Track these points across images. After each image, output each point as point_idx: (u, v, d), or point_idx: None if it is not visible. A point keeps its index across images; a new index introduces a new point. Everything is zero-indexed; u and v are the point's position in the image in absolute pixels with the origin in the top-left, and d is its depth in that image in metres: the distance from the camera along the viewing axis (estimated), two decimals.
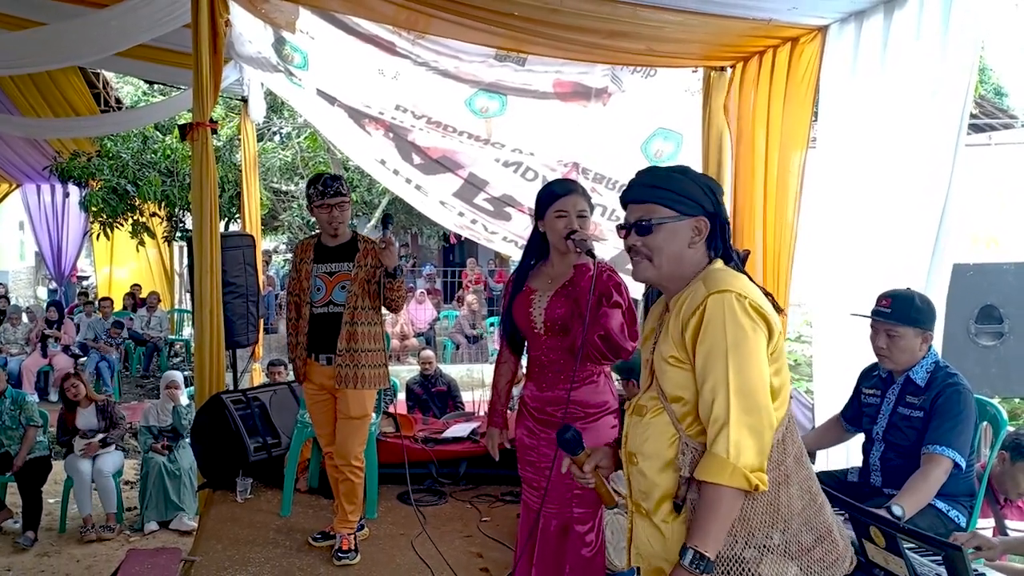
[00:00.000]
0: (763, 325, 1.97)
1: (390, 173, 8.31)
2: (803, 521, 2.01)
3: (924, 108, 4.05)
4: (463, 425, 5.80)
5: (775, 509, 1.98)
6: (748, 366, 1.92)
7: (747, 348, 1.93)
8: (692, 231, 2.10)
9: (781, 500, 1.98)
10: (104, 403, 7.08)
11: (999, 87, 17.68)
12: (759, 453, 1.91)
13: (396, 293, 4.17)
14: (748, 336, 1.93)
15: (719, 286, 1.99)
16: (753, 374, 1.92)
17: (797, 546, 1.98)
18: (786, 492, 1.99)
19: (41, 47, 6.47)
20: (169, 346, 12.69)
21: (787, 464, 2.01)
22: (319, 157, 16.69)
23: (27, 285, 20.23)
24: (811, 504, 2.04)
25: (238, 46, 7.08)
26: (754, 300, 1.97)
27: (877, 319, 3.43)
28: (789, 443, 2.03)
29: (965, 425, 3.21)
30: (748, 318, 1.95)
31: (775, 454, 1.98)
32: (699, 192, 2.11)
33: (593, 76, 6.39)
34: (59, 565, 6.10)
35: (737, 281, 2.02)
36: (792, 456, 2.03)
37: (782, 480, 1.99)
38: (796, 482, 2.02)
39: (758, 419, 1.91)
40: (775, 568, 1.95)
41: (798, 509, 2.01)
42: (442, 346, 14.57)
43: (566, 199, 3.09)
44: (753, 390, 1.92)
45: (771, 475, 1.96)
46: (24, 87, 10.57)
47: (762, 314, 1.97)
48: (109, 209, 11.62)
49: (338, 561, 4.10)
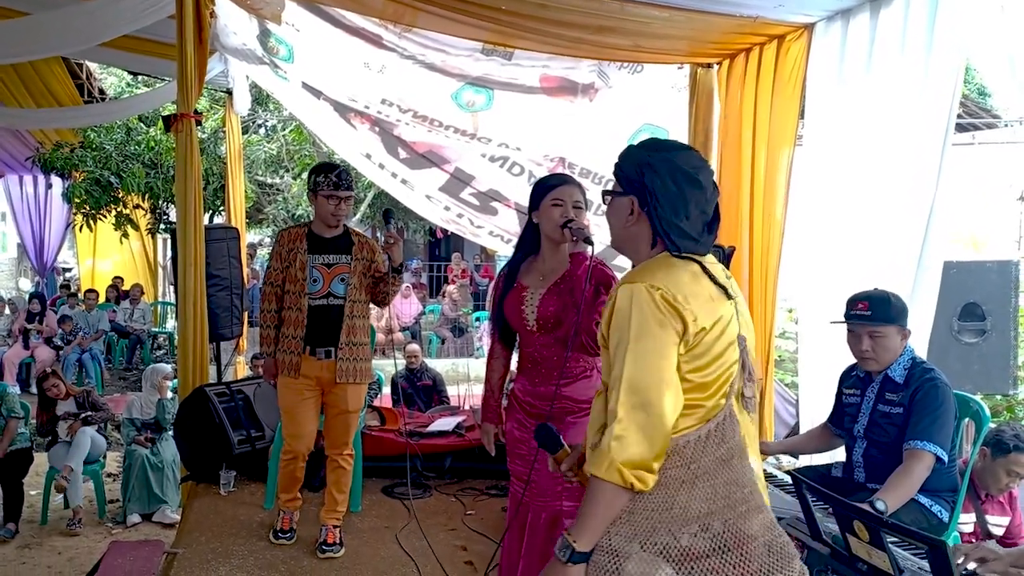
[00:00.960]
0: (674, 319, 1.87)
1: (376, 167, 8.29)
2: (703, 526, 1.88)
3: (911, 106, 4.07)
4: (448, 419, 5.80)
5: (667, 508, 1.88)
6: (645, 361, 1.85)
7: (647, 343, 1.86)
8: (627, 209, 2.04)
9: (678, 500, 1.88)
10: (82, 395, 7.05)
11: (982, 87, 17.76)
12: (644, 451, 1.83)
13: (395, 288, 4.18)
14: (651, 330, 1.86)
15: (633, 276, 1.94)
16: (649, 370, 1.85)
17: (681, 551, 1.86)
18: (687, 493, 1.89)
19: (24, 37, 6.41)
20: (152, 339, 12.62)
21: (702, 464, 1.90)
22: (304, 150, 16.61)
23: (9, 277, 20.09)
24: (725, 510, 1.90)
25: (223, 37, 7.04)
26: (668, 292, 1.87)
27: (860, 323, 3.43)
28: (714, 443, 1.92)
29: (945, 419, 3.23)
30: (656, 311, 1.86)
31: (690, 451, 1.89)
32: (633, 169, 2.03)
33: (580, 71, 6.40)
34: (40, 557, 6.06)
35: (658, 273, 1.93)
36: (715, 457, 1.91)
37: (687, 480, 1.89)
38: (708, 485, 1.90)
39: (647, 417, 1.83)
40: (642, 567, 1.84)
41: (698, 512, 1.88)
42: (427, 340, 14.55)
43: (562, 188, 3.07)
44: (645, 387, 1.84)
45: (675, 473, 1.89)
46: (7, 77, 10.48)
47: (674, 307, 1.87)
48: (92, 201, 11.53)
49: (322, 554, 4.08)
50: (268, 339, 4.19)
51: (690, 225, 1.98)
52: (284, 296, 4.14)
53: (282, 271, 4.13)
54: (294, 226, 4.28)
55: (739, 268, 5.22)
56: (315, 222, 4.18)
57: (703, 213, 2.00)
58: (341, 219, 4.14)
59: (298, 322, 4.08)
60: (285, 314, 4.14)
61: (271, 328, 4.18)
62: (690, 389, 1.90)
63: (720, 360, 1.93)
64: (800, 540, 2.80)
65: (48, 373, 7.13)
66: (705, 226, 2.01)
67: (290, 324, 4.11)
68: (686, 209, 1.97)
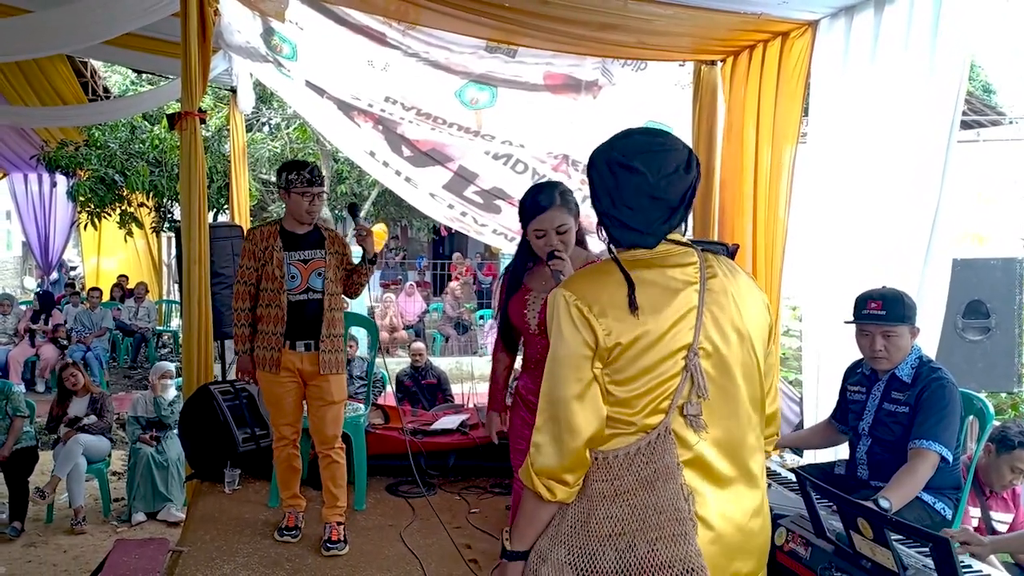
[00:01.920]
0: (585, 330, 1.79)
1: (380, 165, 8.30)
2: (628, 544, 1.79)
3: (915, 103, 4.07)
4: (452, 417, 5.80)
5: (585, 521, 1.83)
6: (558, 372, 1.82)
7: (560, 352, 1.82)
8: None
9: (595, 514, 1.82)
10: (99, 395, 7.11)
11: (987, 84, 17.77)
12: (555, 462, 1.80)
13: (366, 279, 4.32)
14: (563, 340, 1.81)
15: (564, 283, 1.90)
16: (560, 381, 1.81)
17: (590, 565, 1.80)
18: (605, 509, 1.82)
19: (28, 35, 6.42)
20: (157, 337, 12.64)
21: (624, 482, 1.81)
22: (308, 148, 16.63)
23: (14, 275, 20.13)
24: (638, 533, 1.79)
25: (227, 36, 7.05)
26: (582, 302, 1.81)
27: (874, 322, 3.42)
28: (640, 462, 1.80)
29: (951, 419, 3.23)
30: (569, 321, 1.81)
31: (616, 467, 1.81)
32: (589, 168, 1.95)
33: (583, 69, 6.40)
34: (46, 555, 6.08)
35: (583, 281, 1.88)
36: (638, 477, 1.80)
37: (608, 495, 1.82)
38: (627, 504, 1.80)
39: (557, 426, 1.80)
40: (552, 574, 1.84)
41: (611, 531, 1.80)
42: (431, 338, 14.57)
43: (543, 217, 2.98)
44: (555, 398, 1.81)
45: (598, 486, 1.82)
46: (11, 75, 10.49)
47: (586, 319, 1.79)
48: (97, 199, 11.55)
49: (327, 552, 4.09)
50: (243, 337, 4.23)
51: (633, 215, 1.86)
52: (259, 294, 4.19)
53: (256, 269, 4.16)
54: (263, 224, 4.30)
55: (743, 265, 5.15)
56: (287, 219, 4.21)
57: (655, 200, 1.84)
58: (315, 215, 4.19)
59: (277, 318, 4.12)
60: (261, 311, 4.18)
61: (245, 326, 4.23)
62: (614, 403, 1.81)
63: (649, 375, 1.80)
64: (804, 537, 2.80)
65: (69, 363, 7.25)
66: (664, 212, 1.86)
67: (268, 321, 4.15)
68: (623, 198, 1.85)
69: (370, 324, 5.98)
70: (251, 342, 4.22)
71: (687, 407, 1.80)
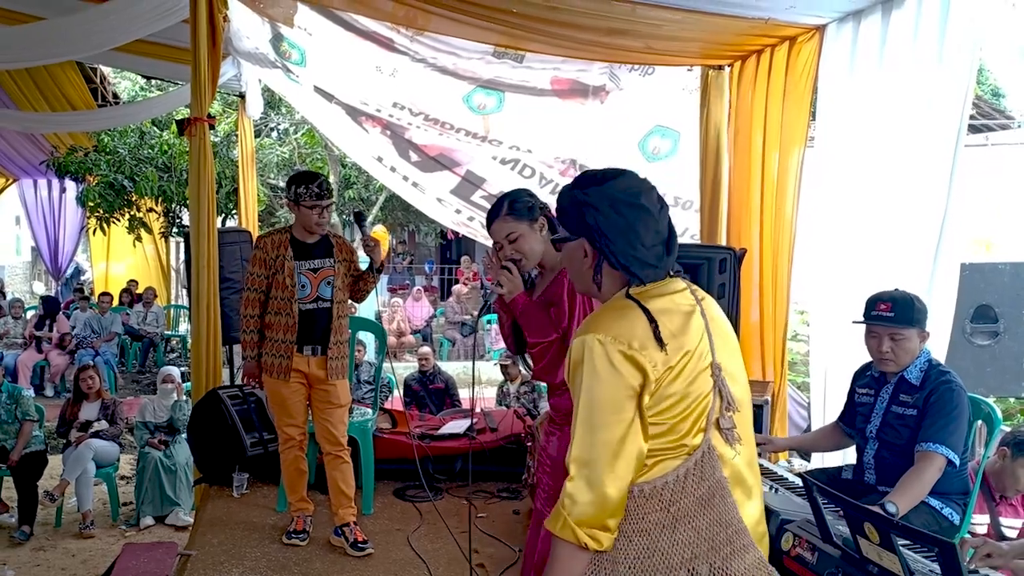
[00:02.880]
0: (631, 371, 1.77)
1: (387, 170, 8.32)
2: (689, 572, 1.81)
3: (923, 107, 4.07)
4: (459, 422, 5.81)
5: (648, 556, 1.81)
6: (592, 416, 1.78)
7: (595, 396, 1.78)
8: (581, 252, 1.95)
9: (659, 546, 1.81)
10: (110, 402, 7.13)
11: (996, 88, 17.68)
12: (596, 510, 1.76)
13: (372, 286, 4.36)
14: (601, 383, 1.77)
15: (586, 327, 1.85)
16: (596, 425, 1.77)
17: None
18: (669, 538, 1.81)
19: (38, 41, 6.47)
20: (165, 342, 12.67)
21: (682, 506, 1.81)
22: (316, 153, 16.66)
23: (23, 280, 20.20)
24: (709, 553, 1.82)
25: (236, 42, 7.08)
26: (621, 342, 1.78)
27: (882, 324, 3.41)
28: (693, 483, 1.82)
29: (959, 423, 3.22)
30: (607, 365, 1.77)
31: (668, 493, 1.81)
32: (573, 210, 1.94)
33: (591, 74, 6.41)
34: (55, 559, 6.09)
35: (610, 320, 1.84)
36: (695, 497, 1.82)
37: (668, 524, 1.81)
38: (690, 527, 1.81)
39: (595, 472, 1.76)
40: None
41: (680, 558, 1.81)
42: (439, 343, 14.57)
43: (492, 230, 2.94)
44: (593, 442, 1.77)
45: (654, 517, 1.80)
46: (21, 81, 10.55)
47: (629, 357, 1.77)
48: (106, 204, 11.61)
49: (360, 552, 4.13)
50: (251, 343, 4.27)
51: (648, 252, 1.88)
52: (268, 301, 4.22)
53: (266, 277, 4.19)
54: (273, 232, 4.31)
55: (750, 270, 5.22)
56: (296, 228, 4.24)
57: (658, 234, 1.90)
58: (324, 227, 4.22)
59: (287, 327, 4.16)
60: (271, 319, 4.21)
61: (254, 333, 4.26)
62: (660, 434, 1.81)
63: (691, 395, 1.83)
64: (811, 542, 2.79)
65: (89, 365, 7.31)
66: (663, 247, 1.91)
67: (279, 329, 4.18)
68: (639, 237, 1.88)
69: (378, 329, 5.98)
70: (259, 348, 4.26)
71: (721, 421, 1.85)
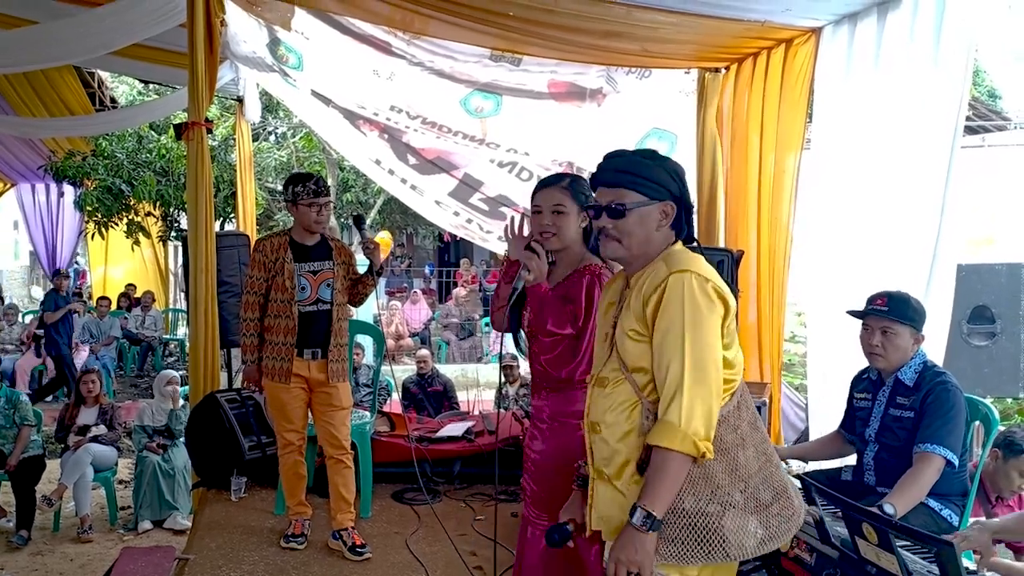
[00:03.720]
0: (720, 304, 2.10)
1: (385, 173, 8.32)
2: (761, 480, 2.14)
3: (918, 109, 4.07)
4: (458, 424, 5.81)
5: (733, 469, 2.10)
6: (702, 342, 2.05)
7: (703, 326, 2.05)
8: (660, 215, 2.21)
9: (740, 461, 2.12)
10: (108, 407, 7.12)
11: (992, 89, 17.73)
12: (707, 422, 2.03)
13: (371, 290, 4.36)
14: (704, 315, 2.06)
15: (680, 266, 2.11)
16: (706, 350, 2.05)
17: (756, 502, 2.11)
18: (743, 453, 2.13)
19: (35, 46, 6.46)
20: (164, 345, 12.66)
21: (743, 428, 2.15)
22: (314, 157, 16.68)
23: (21, 284, 20.19)
24: (767, 464, 2.18)
25: (233, 46, 7.07)
26: (715, 282, 2.10)
27: (875, 316, 3.43)
28: (744, 409, 2.18)
29: (956, 423, 3.22)
30: (706, 297, 2.07)
31: (732, 419, 2.14)
32: (667, 177, 2.22)
33: (588, 77, 6.41)
34: (53, 564, 6.08)
35: (696, 262, 2.14)
36: (747, 421, 2.17)
37: (739, 442, 2.13)
38: (752, 444, 2.15)
39: (707, 391, 2.03)
40: (736, 522, 2.06)
41: (755, 469, 2.14)
42: (437, 346, 14.57)
43: (541, 193, 2.88)
44: (705, 364, 2.04)
45: (729, 438, 2.12)
46: (19, 86, 10.54)
47: (720, 294, 2.10)
48: (104, 209, 11.57)
49: (359, 556, 4.12)
50: (251, 347, 4.25)
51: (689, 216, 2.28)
52: (268, 304, 4.21)
53: (266, 280, 4.19)
54: (272, 235, 4.32)
55: (747, 272, 5.23)
56: (295, 230, 4.24)
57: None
58: (324, 225, 4.23)
59: (288, 329, 4.15)
60: (271, 322, 4.20)
61: (253, 336, 4.24)
62: (726, 366, 2.12)
63: (736, 339, 2.19)
64: (809, 543, 2.80)
65: (92, 370, 7.28)
66: None
67: (279, 332, 4.17)
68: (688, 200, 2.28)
69: (376, 332, 5.99)
70: (259, 352, 4.24)
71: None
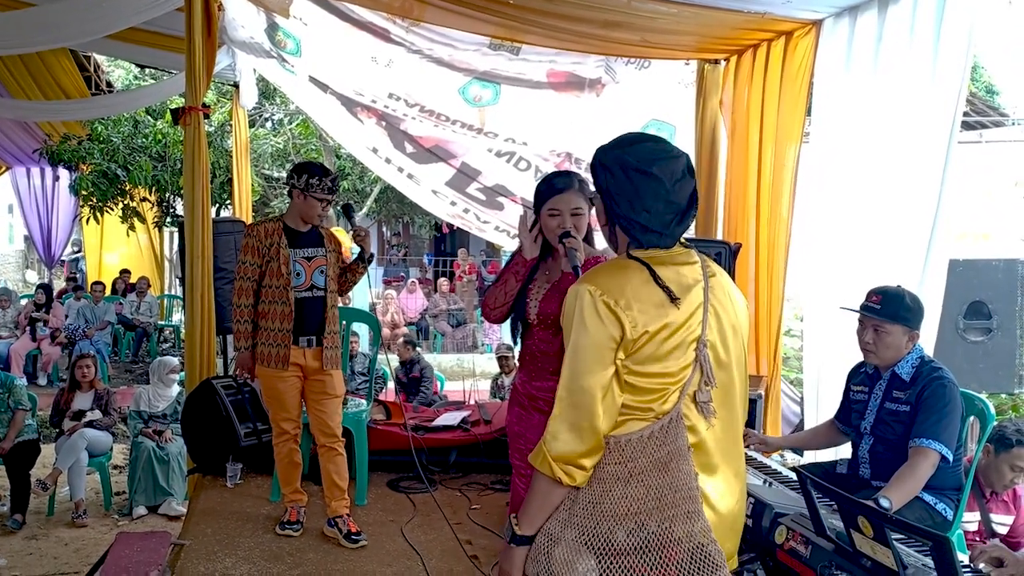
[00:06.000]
0: (612, 324, 1.89)
1: (382, 161, 8.31)
2: (634, 524, 1.91)
3: (917, 103, 4.07)
4: (453, 413, 5.81)
5: (599, 503, 1.93)
6: (579, 363, 1.91)
7: (583, 344, 1.91)
8: (601, 212, 2.09)
9: (611, 496, 1.93)
10: (104, 392, 7.12)
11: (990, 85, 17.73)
12: (574, 447, 1.90)
13: (359, 277, 4.38)
14: (588, 332, 1.90)
15: (584, 278, 1.99)
16: (583, 372, 1.90)
17: (606, 544, 1.91)
18: (621, 490, 1.92)
19: (31, 28, 6.42)
20: (159, 332, 12.64)
21: (638, 464, 1.92)
22: (311, 144, 16.64)
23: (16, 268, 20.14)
24: (655, 512, 1.91)
25: (230, 31, 7.05)
26: (608, 296, 1.90)
27: (866, 314, 3.45)
28: (654, 445, 1.92)
29: (951, 418, 3.23)
30: (594, 314, 1.90)
31: (629, 451, 1.92)
32: (593, 170, 2.06)
33: (587, 67, 6.40)
34: (47, 548, 6.08)
35: (606, 276, 1.96)
36: (652, 459, 1.92)
37: (623, 477, 1.93)
38: (642, 485, 1.92)
39: (577, 415, 1.90)
40: (567, 554, 1.92)
41: (630, 511, 1.91)
42: (433, 336, 14.57)
43: (560, 197, 2.96)
44: (578, 388, 1.90)
45: (612, 469, 1.93)
46: (14, 69, 10.49)
47: (613, 312, 1.89)
48: (99, 193, 11.53)
49: (354, 544, 4.12)
50: (244, 334, 4.19)
51: (651, 218, 1.97)
52: (262, 290, 4.18)
53: (259, 266, 4.16)
54: (266, 220, 4.28)
55: (746, 265, 5.23)
56: (289, 217, 4.22)
57: (669, 204, 1.97)
58: (323, 220, 4.30)
59: (284, 315, 4.12)
60: (265, 308, 4.16)
61: (247, 323, 4.19)
62: (633, 392, 1.92)
63: (667, 364, 1.92)
64: (805, 536, 2.80)
65: (87, 354, 7.30)
66: (676, 215, 1.98)
67: (275, 318, 4.13)
68: (643, 202, 1.96)
69: (372, 320, 5.97)
70: (252, 339, 4.21)
71: (698, 394, 1.95)
